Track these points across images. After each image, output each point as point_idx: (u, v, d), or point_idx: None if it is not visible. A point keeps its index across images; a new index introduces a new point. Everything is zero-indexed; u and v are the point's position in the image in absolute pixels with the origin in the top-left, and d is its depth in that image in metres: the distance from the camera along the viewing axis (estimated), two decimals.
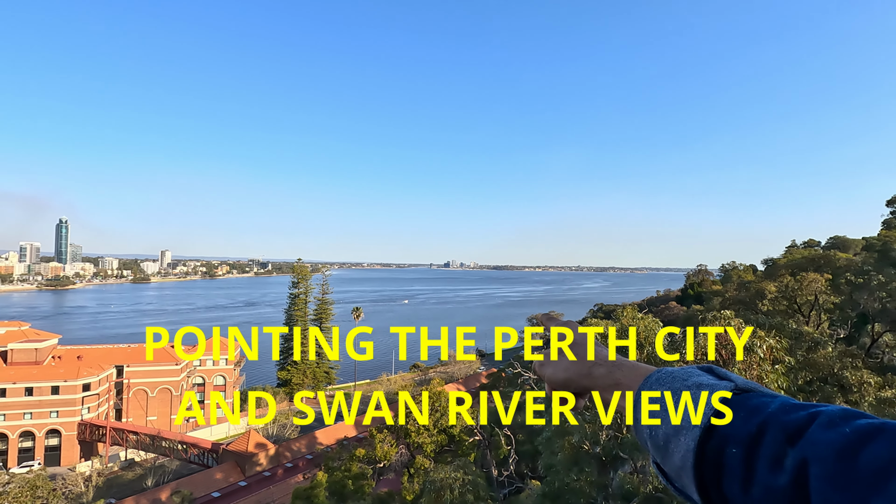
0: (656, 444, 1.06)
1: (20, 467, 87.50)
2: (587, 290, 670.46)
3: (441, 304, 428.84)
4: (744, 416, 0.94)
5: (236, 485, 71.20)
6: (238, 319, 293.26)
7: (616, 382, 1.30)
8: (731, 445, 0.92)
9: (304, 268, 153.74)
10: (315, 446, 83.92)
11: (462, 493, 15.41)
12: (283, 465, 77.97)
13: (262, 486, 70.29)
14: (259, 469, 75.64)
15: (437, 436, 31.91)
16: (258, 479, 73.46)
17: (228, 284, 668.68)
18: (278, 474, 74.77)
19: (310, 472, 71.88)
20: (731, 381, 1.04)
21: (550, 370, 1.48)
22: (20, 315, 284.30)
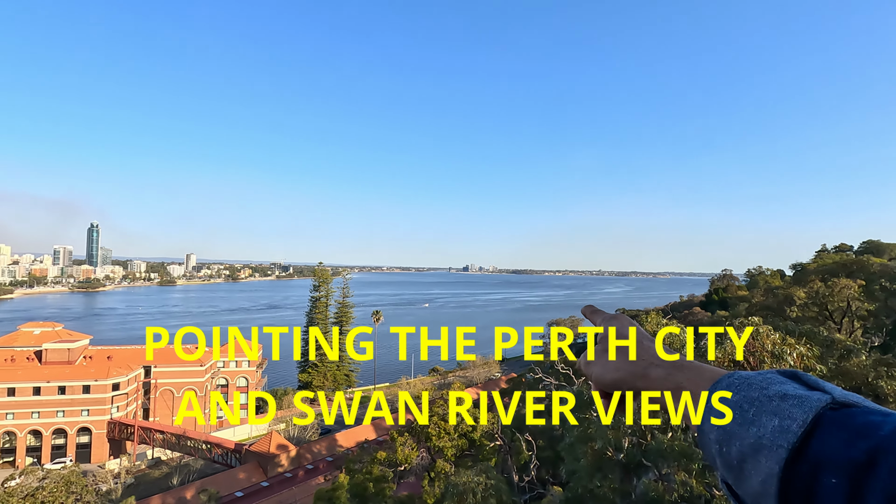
0: (727, 463, 0.87)
1: (53, 463, 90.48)
2: (608, 294, 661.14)
3: (460, 307, 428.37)
4: (846, 438, 0.75)
5: (258, 485, 72.25)
6: (260, 322, 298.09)
7: (677, 386, 1.12)
8: (830, 474, 0.73)
9: (325, 271, 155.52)
10: (335, 448, 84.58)
11: (485, 498, 15.41)
12: (303, 466, 78.84)
13: (284, 486, 71.17)
14: (280, 470, 76.63)
15: (458, 440, 31.91)
16: (280, 479, 74.43)
17: (251, 287, 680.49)
18: (299, 475, 75.60)
19: (330, 473, 72.55)
20: (825, 393, 0.84)
21: (599, 369, 1.31)
22: (54, 316, 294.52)
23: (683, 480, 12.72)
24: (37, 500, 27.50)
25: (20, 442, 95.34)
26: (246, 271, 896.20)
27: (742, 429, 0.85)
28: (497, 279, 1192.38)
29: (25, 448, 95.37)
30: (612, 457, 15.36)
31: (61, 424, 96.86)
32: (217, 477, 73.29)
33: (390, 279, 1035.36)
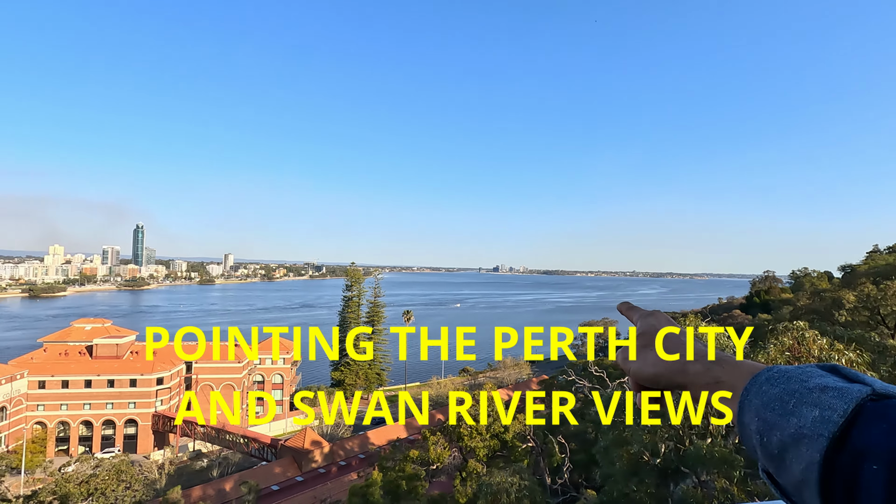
0: (768, 453, 0.90)
1: (103, 453, 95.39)
2: (643, 296, 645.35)
3: (490, 308, 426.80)
4: (887, 428, 0.78)
5: (293, 479, 74.05)
6: (294, 321, 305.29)
7: (716, 380, 1.13)
8: (871, 462, 0.77)
9: (357, 271, 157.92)
10: (367, 446, 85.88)
11: (518, 499, 15.43)
12: (336, 462, 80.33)
13: (318, 481, 72.77)
14: (314, 465, 78.31)
15: (490, 440, 31.94)
16: (314, 475, 76.09)
17: (285, 287, 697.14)
18: (332, 471, 77.10)
19: (363, 470, 73.72)
20: (865, 385, 0.86)
21: (637, 364, 1.30)
22: (103, 313, 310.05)
23: (724, 488, 12.41)
24: (91, 486, 29.15)
25: (73, 432, 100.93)
26: (281, 271, 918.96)
27: (783, 419, 0.87)
28: (528, 280, 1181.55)
29: (78, 438, 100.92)
30: (649, 461, 15.09)
31: (110, 416, 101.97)
32: (254, 470, 75.47)
33: (420, 279, 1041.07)
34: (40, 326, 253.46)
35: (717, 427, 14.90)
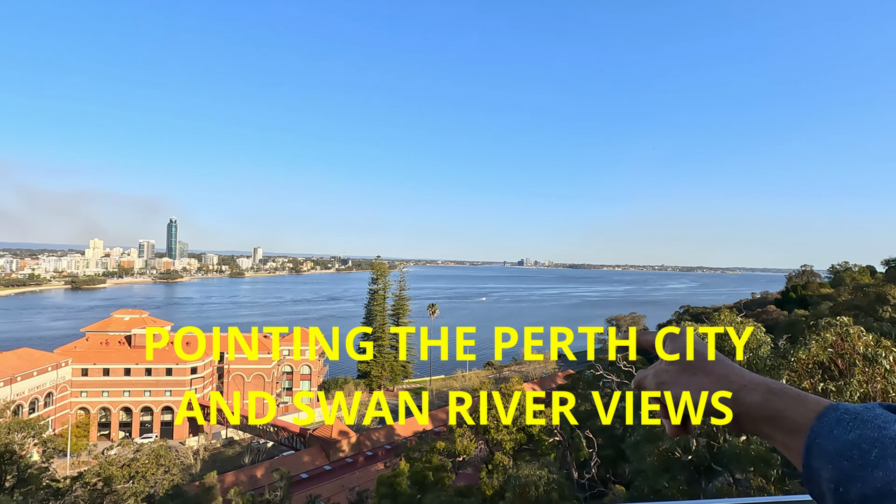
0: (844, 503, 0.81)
1: (141, 438, 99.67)
2: (672, 290, 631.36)
3: (515, 302, 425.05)
4: None
5: (322, 468, 75.70)
6: (322, 313, 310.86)
7: (776, 413, 1.00)
8: None
9: (382, 265, 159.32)
10: (394, 437, 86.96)
11: (547, 492, 15.42)
12: (363, 452, 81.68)
13: (346, 471, 74.20)
14: (342, 455, 79.84)
15: (517, 434, 32.01)
16: (341, 464, 77.60)
17: (312, 280, 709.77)
18: (359, 461, 78.47)
19: (390, 460, 74.78)
20: None
21: (677, 389, 1.13)
22: (140, 304, 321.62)
23: (760, 486, 12.11)
24: (132, 469, 30.50)
25: (114, 417, 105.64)
26: (308, 264, 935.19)
27: (864, 472, 0.79)
28: (553, 273, 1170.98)
29: (118, 423, 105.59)
30: (680, 458, 14.83)
31: (148, 403, 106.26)
32: (284, 458, 77.51)
33: (445, 273, 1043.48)
34: (82, 317, 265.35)
35: None
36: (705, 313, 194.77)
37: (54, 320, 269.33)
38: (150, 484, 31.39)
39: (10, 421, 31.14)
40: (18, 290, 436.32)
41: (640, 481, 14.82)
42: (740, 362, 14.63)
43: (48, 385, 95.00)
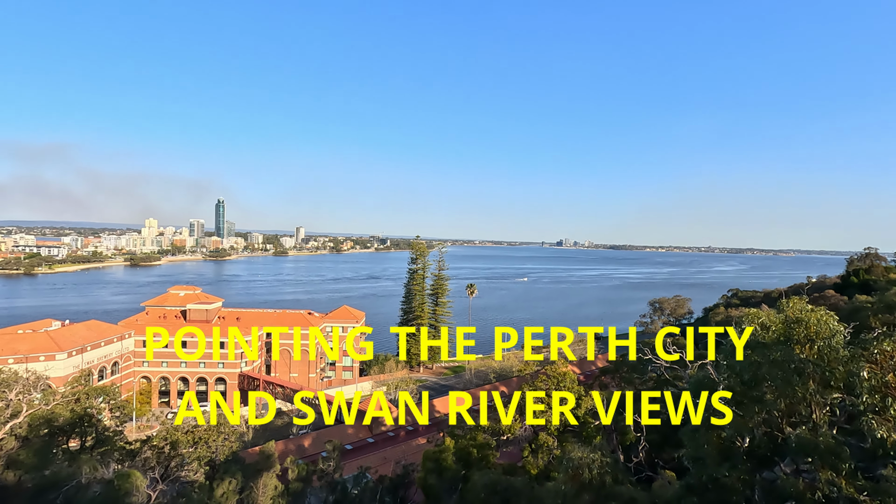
0: None
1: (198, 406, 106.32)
2: (719, 273, 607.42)
3: (554, 283, 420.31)
4: None
5: (365, 441, 78.29)
6: (363, 291, 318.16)
7: None
8: None
9: (421, 245, 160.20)
10: (433, 413, 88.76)
11: (601, 475, 15.42)
12: (404, 427, 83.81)
13: (388, 444, 76.47)
14: (384, 429, 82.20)
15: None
16: (383, 437, 79.97)
17: (352, 259, 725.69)
18: (401, 435, 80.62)
19: (431, 436, 76.55)
20: None
21: None
22: (192, 281, 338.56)
23: (830, 479, 11.58)
24: (196, 435, 32.58)
25: (172, 386, 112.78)
26: (348, 243, 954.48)
27: None
28: (593, 255, 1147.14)
29: (177, 392, 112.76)
30: (741, 446, 14.38)
31: (203, 374, 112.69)
32: (329, 430, 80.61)
33: (482, 253, 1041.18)
34: (140, 292, 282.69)
35: (821, 416, 13.83)
36: (755, 297, 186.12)
37: (116, 295, 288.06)
38: (211, 450, 33.46)
39: (89, 387, 33.84)
40: (84, 266, 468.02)
41: (698, 469, 14.53)
42: (803, 357, 13.81)
43: (114, 355, 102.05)
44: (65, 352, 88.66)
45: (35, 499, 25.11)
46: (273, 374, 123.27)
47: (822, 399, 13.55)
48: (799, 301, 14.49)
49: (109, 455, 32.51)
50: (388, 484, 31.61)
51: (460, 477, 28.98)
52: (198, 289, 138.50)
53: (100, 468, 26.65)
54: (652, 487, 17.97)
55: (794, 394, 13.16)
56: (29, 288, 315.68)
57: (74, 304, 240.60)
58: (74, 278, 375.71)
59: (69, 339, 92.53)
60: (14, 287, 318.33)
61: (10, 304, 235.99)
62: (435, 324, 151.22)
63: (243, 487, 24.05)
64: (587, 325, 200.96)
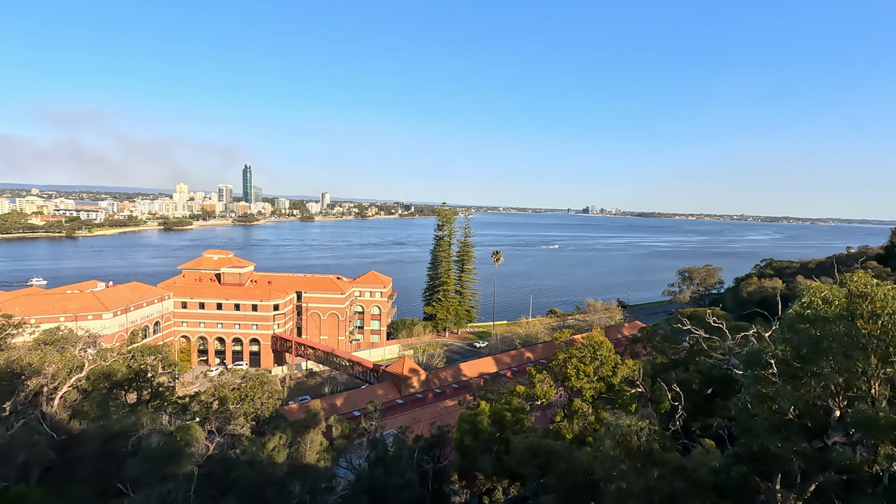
0: None
1: (234, 365, 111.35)
2: (752, 242, 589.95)
3: (580, 251, 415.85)
4: None
5: (394, 402, 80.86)
6: (389, 257, 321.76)
7: None
8: None
9: (447, 211, 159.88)
10: (460, 377, 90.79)
11: (648, 442, 15.64)
12: (432, 389, 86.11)
13: (416, 405, 78.86)
14: (412, 391, 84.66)
15: (597, 383, 32.28)
16: (412, 399, 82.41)
17: (377, 224, 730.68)
18: (429, 397, 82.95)
19: (458, 398, 78.59)
20: None
21: None
22: (223, 245, 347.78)
23: (889, 454, 11.49)
24: (242, 392, 34.32)
25: (210, 346, 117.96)
26: (373, 209, 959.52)
27: None
28: (620, 222, 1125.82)
29: (214, 351, 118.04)
30: (794, 419, 14.29)
31: (238, 335, 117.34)
32: (360, 391, 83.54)
33: (507, 220, 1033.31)
34: (175, 255, 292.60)
35: (881, 391, 13.57)
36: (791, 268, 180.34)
37: (152, 258, 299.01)
38: (256, 406, 35.22)
39: (143, 345, 35.74)
40: (121, 229, 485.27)
41: (748, 439, 14.57)
42: (869, 331, 13.40)
43: (155, 315, 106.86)
44: (110, 311, 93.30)
45: (103, 446, 27.04)
46: (304, 335, 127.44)
47: (883, 374, 13.27)
48: (864, 275, 14.00)
49: (163, 409, 34.46)
50: (424, 444, 32.81)
51: (495, 439, 29.84)
52: (230, 253, 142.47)
53: (158, 420, 28.41)
54: (692, 455, 18.19)
55: (855, 368, 12.94)
56: (72, 250, 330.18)
57: (114, 266, 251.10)
58: (112, 241, 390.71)
59: (114, 300, 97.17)
60: (58, 249, 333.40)
61: (57, 266, 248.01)
62: (461, 290, 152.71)
63: (291, 442, 25.45)
64: (614, 293, 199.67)
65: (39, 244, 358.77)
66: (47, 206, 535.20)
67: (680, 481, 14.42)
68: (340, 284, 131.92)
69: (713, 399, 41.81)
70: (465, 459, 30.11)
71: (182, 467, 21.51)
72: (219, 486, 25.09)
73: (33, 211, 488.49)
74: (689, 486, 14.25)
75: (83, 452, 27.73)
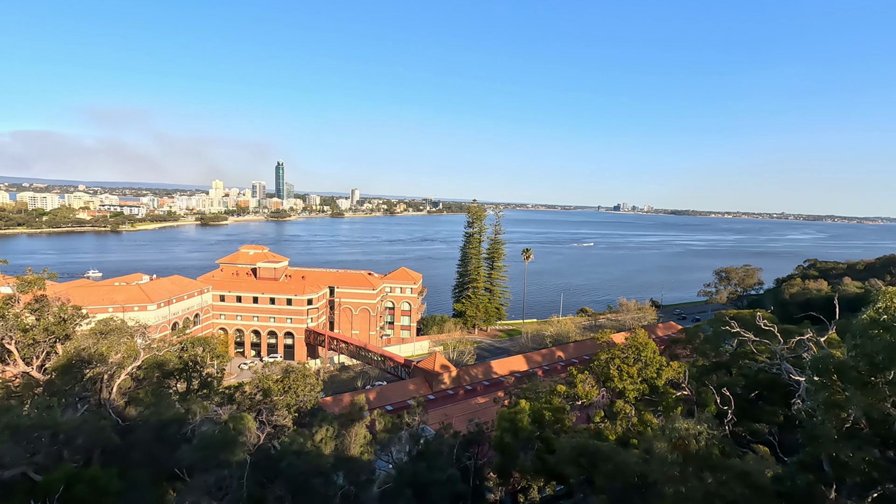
0: None
1: (269, 357, 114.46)
2: (793, 241, 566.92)
3: (611, 249, 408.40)
4: None
5: (426, 397, 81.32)
6: (417, 253, 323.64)
7: None
8: None
9: (478, 208, 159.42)
10: (491, 374, 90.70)
11: (708, 447, 15.32)
12: (463, 386, 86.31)
13: (448, 401, 79.19)
14: (443, 387, 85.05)
15: (640, 384, 31.74)
16: (443, 395, 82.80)
17: (405, 221, 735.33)
18: (460, 394, 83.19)
19: (487, 396, 78.54)
20: None
21: None
22: (256, 240, 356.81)
23: None
24: (285, 384, 35.21)
25: (246, 338, 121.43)
26: (401, 206, 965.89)
27: None
28: (653, 220, 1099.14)
29: (250, 343, 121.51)
30: (864, 429, 13.69)
31: (273, 328, 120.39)
32: (392, 385, 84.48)
33: (535, 217, 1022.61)
34: (212, 250, 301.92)
35: None
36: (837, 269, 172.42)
37: (191, 252, 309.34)
38: (299, 398, 36.08)
39: (192, 336, 37.16)
40: (161, 224, 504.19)
41: (814, 447, 14.05)
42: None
43: (195, 307, 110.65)
44: (154, 303, 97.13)
45: (157, 433, 28.26)
46: (336, 330, 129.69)
47: None
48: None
49: (210, 398, 35.69)
50: (462, 440, 32.99)
51: (535, 438, 29.73)
52: (265, 248, 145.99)
53: (208, 409, 29.50)
54: (746, 461, 17.67)
55: None
56: (116, 244, 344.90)
57: (155, 259, 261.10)
58: (153, 236, 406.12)
59: (157, 292, 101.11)
60: (103, 243, 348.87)
61: (104, 259, 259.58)
62: (490, 287, 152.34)
63: (336, 434, 26.04)
64: (647, 292, 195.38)
65: (86, 238, 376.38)
66: (93, 202, 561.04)
67: (742, 488, 14.06)
68: (371, 280, 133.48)
69: (758, 403, 40.57)
70: (505, 457, 30.11)
71: (236, 455, 22.32)
72: (267, 474, 25.94)
73: (80, 206, 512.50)
74: (751, 493, 13.87)
75: (138, 438, 29.08)
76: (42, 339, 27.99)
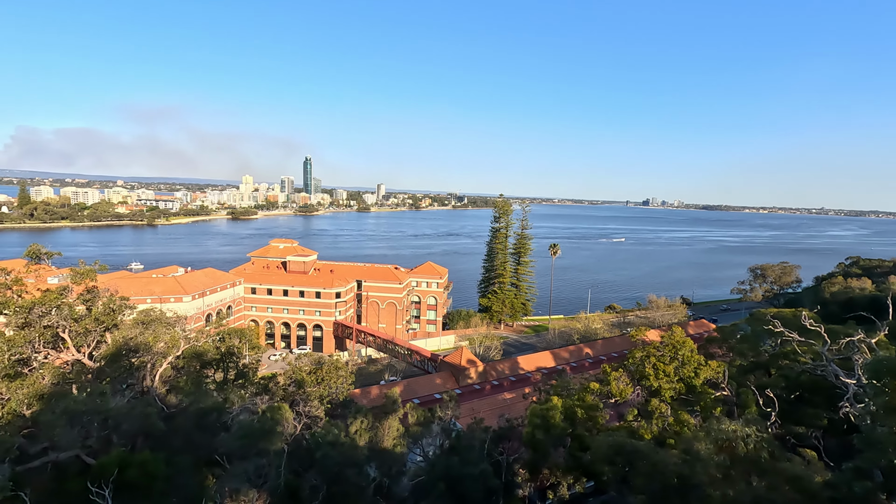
0: None
1: (298, 349, 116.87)
2: (833, 238, 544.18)
3: (640, 244, 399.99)
4: None
5: (452, 392, 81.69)
6: (443, 248, 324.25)
7: None
8: None
9: (505, 203, 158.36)
10: (517, 370, 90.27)
11: (757, 450, 14.88)
12: (489, 381, 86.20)
13: (474, 396, 79.16)
14: (469, 381, 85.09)
15: (677, 383, 31.02)
16: (469, 389, 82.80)
17: (431, 216, 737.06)
18: (486, 389, 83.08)
19: (514, 391, 78.22)
20: None
21: None
22: (285, 234, 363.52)
23: None
24: (318, 375, 35.87)
25: (276, 330, 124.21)
26: (426, 200, 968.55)
27: None
28: (683, 215, 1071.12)
29: (280, 335, 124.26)
30: None
31: (302, 320, 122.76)
32: (419, 379, 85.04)
33: (562, 212, 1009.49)
34: (243, 243, 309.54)
35: None
36: (882, 267, 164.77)
37: (223, 245, 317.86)
38: (331, 389, 36.69)
39: (230, 327, 38.25)
40: (194, 218, 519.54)
41: (873, 453, 13.44)
42: None
43: (228, 300, 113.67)
44: (189, 295, 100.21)
45: (197, 420, 29.17)
46: (363, 323, 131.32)
47: None
48: None
49: (246, 388, 36.62)
50: (493, 435, 32.96)
51: (567, 435, 29.45)
52: (295, 242, 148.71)
53: (245, 398, 30.29)
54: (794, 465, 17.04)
55: None
56: (152, 237, 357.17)
57: (189, 252, 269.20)
58: (186, 229, 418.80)
59: (192, 284, 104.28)
60: (140, 236, 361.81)
61: (141, 251, 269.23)
62: (517, 282, 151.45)
63: (371, 426, 26.42)
64: (677, 289, 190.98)
65: (124, 231, 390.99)
66: (131, 197, 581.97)
67: (793, 493, 13.57)
68: (398, 274, 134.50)
69: (800, 406, 39.14)
70: (536, 453, 29.95)
71: (274, 444, 22.89)
72: (303, 464, 26.48)
73: (119, 201, 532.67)
74: (803, 498, 13.37)
75: (179, 425, 30.10)
76: (93, 329, 29.33)
